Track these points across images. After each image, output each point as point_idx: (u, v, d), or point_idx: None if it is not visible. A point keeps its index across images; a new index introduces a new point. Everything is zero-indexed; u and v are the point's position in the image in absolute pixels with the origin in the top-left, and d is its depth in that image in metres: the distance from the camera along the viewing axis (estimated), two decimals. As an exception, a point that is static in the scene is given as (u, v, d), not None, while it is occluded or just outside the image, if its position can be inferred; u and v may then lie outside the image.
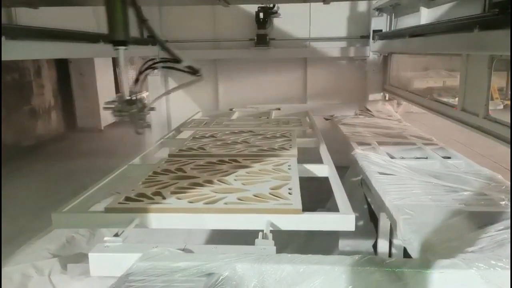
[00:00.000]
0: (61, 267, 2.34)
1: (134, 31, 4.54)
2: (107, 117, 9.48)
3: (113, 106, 2.13)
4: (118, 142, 7.89)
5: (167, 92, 4.23)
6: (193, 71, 2.24)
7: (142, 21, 2.10)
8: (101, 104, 9.20)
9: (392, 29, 4.36)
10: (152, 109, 2.28)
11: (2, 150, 6.45)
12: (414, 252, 1.57)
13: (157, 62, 2.33)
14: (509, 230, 1.50)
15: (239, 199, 1.68)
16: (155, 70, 4.81)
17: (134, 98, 2.13)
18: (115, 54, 2.12)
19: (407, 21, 3.91)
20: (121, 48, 1.97)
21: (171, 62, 2.24)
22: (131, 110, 2.09)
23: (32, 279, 2.27)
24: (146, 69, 2.30)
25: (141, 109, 2.13)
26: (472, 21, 2.08)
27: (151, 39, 4.61)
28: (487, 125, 2.49)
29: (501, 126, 2.36)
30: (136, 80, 2.26)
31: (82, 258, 2.37)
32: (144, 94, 11.94)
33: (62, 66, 8.85)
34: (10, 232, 3.66)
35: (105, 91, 9.58)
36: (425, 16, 3.32)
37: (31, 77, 7.84)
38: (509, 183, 2.06)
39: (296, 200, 1.65)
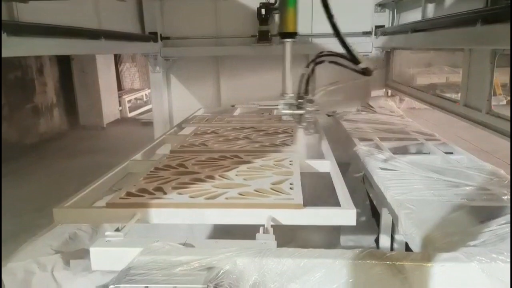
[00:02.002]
0: (64, 263, 2.34)
1: (135, 27, 4.55)
2: (109, 115, 9.52)
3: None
4: (120, 140, 7.91)
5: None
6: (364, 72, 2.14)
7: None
8: (104, 101, 9.22)
9: (395, 24, 4.34)
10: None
11: (5, 148, 6.48)
12: (415, 246, 1.57)
13: (325, 55, 2.25)
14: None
15: (240, 194, 1.68)
16: (157, 67, 4.84)
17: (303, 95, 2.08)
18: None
19: (410, 17, 3.90)
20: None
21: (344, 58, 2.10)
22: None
23: (35, 275, 2.27)
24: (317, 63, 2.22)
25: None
26: (475, 15, 2.07)
27: (153, 36, 4.63)
28: (490, 120, 2.47)
29: (504, 121, 2.35)
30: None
31: (84, 254, 2.37)
32: (147, 92, 11.95)
33: (64, 63, 8.87)
34: (14, 229, 3.68)
35: (107, 88, 9.60)
36: (428, 11, 3.30)
37: (34, 75, 7.86)
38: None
39: (297, 195, 1.65)
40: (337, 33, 1.97)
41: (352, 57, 1.96)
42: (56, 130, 8.44)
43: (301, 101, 2.06)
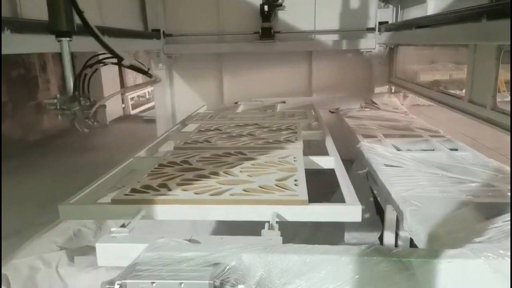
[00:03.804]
0: (69, 259, 2.35)
1: (137, 25, 4.55)
2: (112, 112, 9.53)
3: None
4: (123, 137, 7.93)
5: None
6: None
7: None
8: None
9: (398, 20, 4.32)
10: (103, 106, 2.17)
11: (9, 145, 6.50)
12: (421, 243, 1.56)
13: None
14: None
15: (245, 190, 1.68)
16: (160, 64, 4.84)
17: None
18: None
19: (414, 13, 3.88)
20: None
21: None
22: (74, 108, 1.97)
23: (40, 272, 2.29)
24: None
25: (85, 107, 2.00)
26: (480, 11, 2.06)
27: (156, 33, 4.62)
28: (494, 116, 2.46)
29: (508, 118, 2.33)
30: None
31: (89, 250, 2.38)
32: (149, 89, 11.94)
33: (67, 61, 8.86)
34: (18, 225, 3.70)
35: (110, 85, 9.60)
36: (432, 7, 3.28)
37: (37, 72, 7.87)
38: (517, 174, 2.05)
39: (302, 191, 1.65)
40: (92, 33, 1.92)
41: (114, 54, 1.92)
42: (59, 127, 8.45)
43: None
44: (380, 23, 4.44)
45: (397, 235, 2.54)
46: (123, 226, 1.41)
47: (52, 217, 2.48)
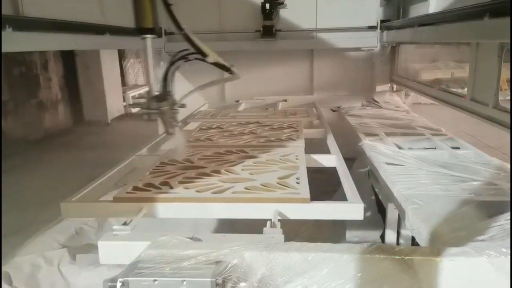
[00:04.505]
0: (70, 257, 2.35)
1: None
2: (113, 110, 9.53)
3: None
4: (125, 135, 7.93)
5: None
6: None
7: None
8: (108, 97, 9.24)
9: (401, 19, 4.31)
10: (183, 105, 2.12)
11: (10, 143, 6.51)
12: (423, 241, 1.56)
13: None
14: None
15: (246, 188, 1.68)
16: (161, 62, 4.83)
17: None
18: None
19: (416, 11, 3.87)
20: None
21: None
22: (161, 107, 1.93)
23: (42, 269, 2.29)
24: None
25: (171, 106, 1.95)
26: (483, 9, 2.05)
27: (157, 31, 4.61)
28: (497, 114, 2.45)
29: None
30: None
31: (91, 248, 2.39)
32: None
33: (68, 59, 8.88)
34: (19, 223, 3.70)
35: (112, 84, 9.60)
36: (434, 5, 3.27)
37: (38, 71, 7.88)
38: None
39: (304, 189, 1.65)
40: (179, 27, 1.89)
41: (198, 51, 1.90)
42: (60, 126, 8.46)
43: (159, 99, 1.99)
44: (382, 21, 4.42)
45: (398, 233, 2.54)
46: (125, 224, 1.41)
47: (54, 215, 2.48)
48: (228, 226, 2.40)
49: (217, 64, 2.00)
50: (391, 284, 1.14)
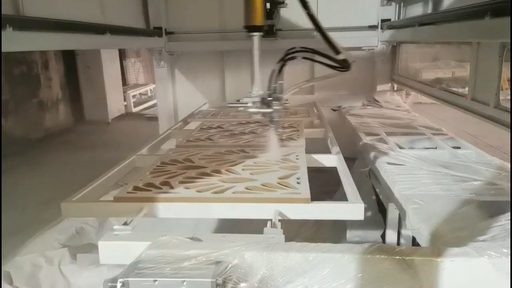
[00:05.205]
0: (71, 257, 2.35)
1: (139, 22, 4.54)
2: (114, 110, 9.54)
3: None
4: (125, 134, 7.93)
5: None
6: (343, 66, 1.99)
7: None
8: (108, 96, 9.24)
9: (401, 18, 4.30)
10: (287, 102, 2.06)
11: (11, 142, 6.51)
12: (423, 241, 1.56)
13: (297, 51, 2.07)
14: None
15: (247, 188, 1.68)
16: (162, 62, 4.83)
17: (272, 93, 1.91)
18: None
19: (417, 10, 3.86)
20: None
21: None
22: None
23: (42, 269, 2.29)
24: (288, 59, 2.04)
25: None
26: (483, 8, 2.04)
27: (158, 31, 4.61)
28: (497, 114, 2.45)
29: (512, 116, 2.32)
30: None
31: (91, 248, 2.39)
32: (151, 87, 11.95)
33: (69, 59, 8.88)
34: (20, 223, 3.71)
35: (112, 83, 9.61)
36: (436, 4, 3.26)
37: (39, 70, 7.89)
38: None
39: (304, 189, 1.64)
40: (313, 21, 1.88)
41: (332, 47, 1.89)
42: (61, 125, 8.47)
43: (270, 98, 1.97)
44: (383, 21, 4.42)
45: (399, 233, 2.53)
46: (125, 224, 1.41)
47: (55, 215, 2.49)
48: (229, 225, 2.40)
49: (344, 61, 1.96)
50: (391, 284, 1.14)
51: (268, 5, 4.41)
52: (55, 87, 8.42)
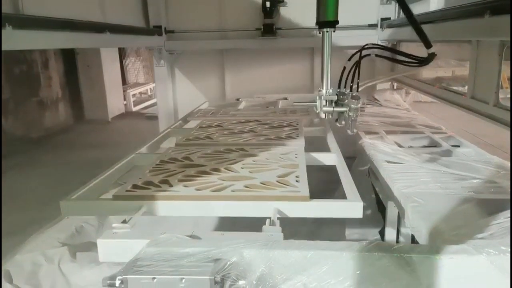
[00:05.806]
0: (71, 255, 2.36)
1: (139, 21, 4.54)
2: (114, 109, 9.54)
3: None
4: (125, 133, 7.94)
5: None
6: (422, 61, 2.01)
7: None
8: (108, 95, 9.25)
9: (401, 17, 4.30)
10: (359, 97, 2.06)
11: (11, 141, 6.52)
12: (422, 239, 1.56)
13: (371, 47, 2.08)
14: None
15: (246, 186, 1.68)
16: (162, 61, 4.83)
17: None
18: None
19: (417, 8, 3.85)
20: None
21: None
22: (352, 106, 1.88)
23: (42, 267, 2.30)
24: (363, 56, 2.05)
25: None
26: (483, 6, 2.04)
27: (158, 30, 4.61)
28: (497, 113, 2.45)
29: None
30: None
31: (91, 247, 2.40)
32: (151, 86, 11.96)
33: (69, 58, 8.88)
34: (20, 221, 3.71)
35: (112, 82, 9.61)
36: (435, 2, 3.26)
37: (39, 69, 7.89)
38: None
39: (303, 187, 1.64)
40: (409, 15, 1.88)
41: (424, 40, 1.89)
42: (61, 124, 8.47)
43: (343, 97, 1.98)
44: (383, 20, 4.42)
45: (398, 231, 2.53)
46: (124, 222, 1.41)
47: (54, 213, 2.49)
48: (228, 223, 2.40)
49: (432, 55, 1.98)
50: (390, 282, 1.14)
51: (268, 4, 4.43)
52: (55, 86, 8.42)
